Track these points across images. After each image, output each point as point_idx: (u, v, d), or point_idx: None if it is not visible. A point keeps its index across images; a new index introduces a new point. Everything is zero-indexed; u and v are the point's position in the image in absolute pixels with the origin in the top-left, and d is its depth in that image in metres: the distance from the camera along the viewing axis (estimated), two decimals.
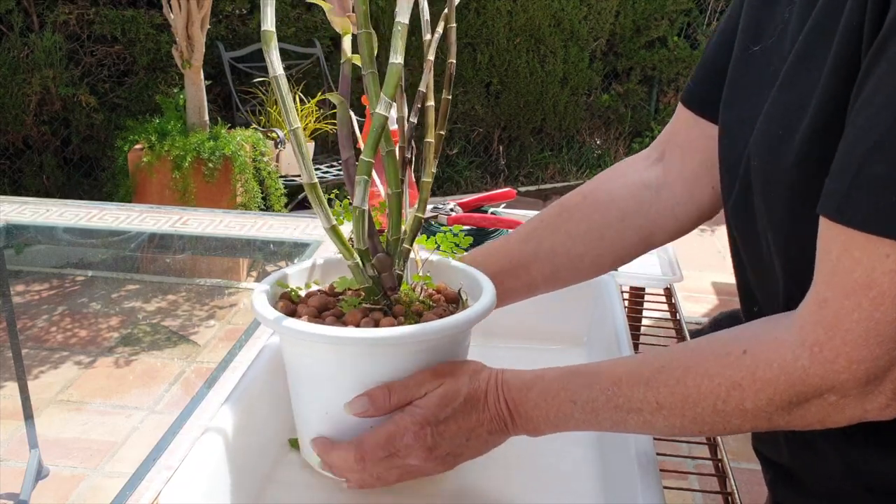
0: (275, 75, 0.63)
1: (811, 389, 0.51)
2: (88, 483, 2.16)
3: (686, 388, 0.57)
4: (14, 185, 4.26)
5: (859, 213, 0.47)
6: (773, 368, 0.52)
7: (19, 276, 3.19)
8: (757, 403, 0.53)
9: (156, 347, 2.85)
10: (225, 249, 1.73)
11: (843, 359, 0.49)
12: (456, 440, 0.65)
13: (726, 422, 0.56)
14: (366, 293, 0.71)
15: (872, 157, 0.46)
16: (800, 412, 0.53)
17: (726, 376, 0.55)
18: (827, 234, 0.50)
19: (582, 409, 0.62)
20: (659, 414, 0.58)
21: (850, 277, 0.48)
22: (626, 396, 0.60)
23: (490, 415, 0.65)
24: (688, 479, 1.69)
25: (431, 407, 0.64)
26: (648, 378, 0.59)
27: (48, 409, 2.48)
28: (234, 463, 0.69)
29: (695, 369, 0.57)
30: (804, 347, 0.51)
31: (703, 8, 5.34)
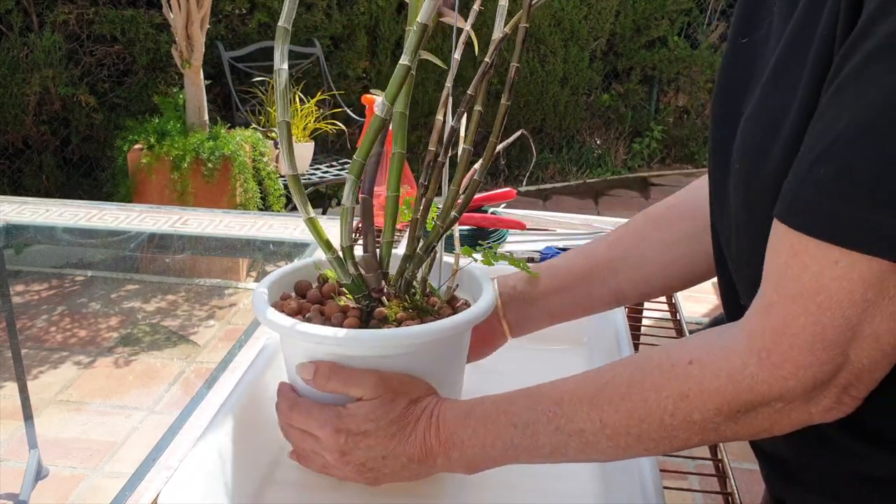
0: (278, 68, 0.63)
1: (759, 397, 0.50)
2: (88, 483, 2.16)
3: (632, 404, 0.55)
4: (14, 185, 4.26)
5: (808, 217, 0.46)
6: (720, 378, 0.52)
7: (19, 276, 3.19)
8: (705, 414, 0.52)
9: (155, 347, 2.85)
10: (225, 249, 1.73)
11: (790, 364, 0.49)
12: (370, 454, 0.65)
13: (672, 436, 0.55)
14: (348, 289, 0.71)
15: (822, 161, 0.45)
16: (747, 421, 0.52)
17: (673, 388, 0.54)
18: (776, 237, 0.49)
19: (522, 433, 0.60)
20: (602, 434, 0.56)
21: (797, 282, 0.47)
22: (567, 417, 0.58)
23: (413, 443, 0.64)
24: (688, 479, 1.69)
25: (354, 417, 0.64)
26: (592, 396, 0.57)
27: (48, 409, 2.48)
28: (234, 463, 0.69)
29: (640, 383, 0.55)
30: (751, 354, 0.50)
31: (703, 8, 5.34)
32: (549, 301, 0.79)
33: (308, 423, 0.67)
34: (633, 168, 5.38)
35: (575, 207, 4.65)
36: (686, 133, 5.46)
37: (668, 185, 5.18)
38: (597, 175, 5.24)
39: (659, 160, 5.49)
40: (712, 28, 5.36)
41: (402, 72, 0.63)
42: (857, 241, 0.45)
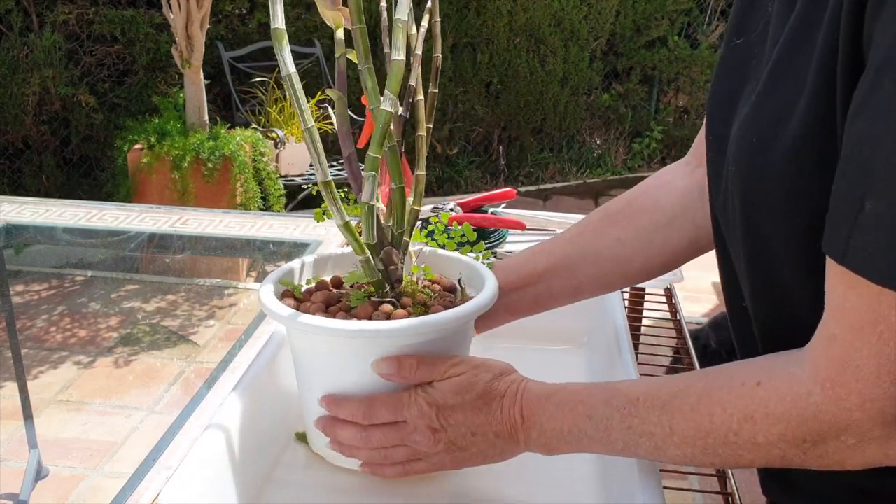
0: (288, 74, 0.63)
1: (825, 427, 0.50)
2: (88, 483, 2.16)
3: (699, 416, 0.55)
4: (14, 185, 4.26)
5: (858, 255, 0.45)
6: (785, 402, 0.51)
7: (19, 276, 3.19)
8: (768, 438, 0.52)
9: (155, 347, 2.85)
10: (225, 249, 1.73)
11: (856, 396, 0.48)
12: (460, 430, 0.65)
13: (738, 455, 0.55)
14: (374, 286, 0.71)
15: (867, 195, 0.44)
16: (816, 452, 0.51)
17: (739, 407, 0.53)
18: (831, 270, 0.48)
19: (596, 426, 0.61)
20: (670, 440, 0.57)
21: (856, 314, 0.47)
22: (641, 418, 0.59)
23: (500, 419, 0.65)
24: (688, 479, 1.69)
25: (444, 390, 0.66)
26: (665, 402, 0.58)
27: (48, 409, 2.48)
28: (234, 463, 0.69)
29: (708, 398, 0.55)
30: (816, 383, 0.50)
31: (703, 8, 5.34)
32: (508, 297, 0.80)
33: (396, 410, 0.67)
34: (633, 168, 5.38)
35: (575, 207, 4.65)
36: (686, 133, 5.46)
37: None
38: (597, 175, 5.24)
39: (659, 160, 5.49)
40: (712, 28, 5.36)
41: (399, 66, 0.64)
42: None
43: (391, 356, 0.68)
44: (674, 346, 1.14)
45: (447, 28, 4.73)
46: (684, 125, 5.46)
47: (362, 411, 0.68)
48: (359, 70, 0.66)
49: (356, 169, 0.70)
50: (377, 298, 0.71)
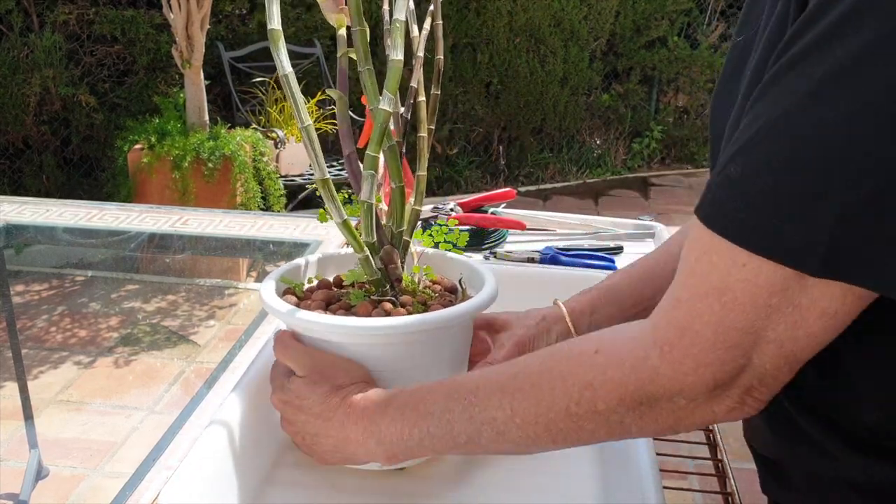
0: (284, 73, 0.63)
1: (660, 390, 0.51)
2: (88, 483, 2.16)
3: (540, 392, 0.55)
4: (14, 185, 4.26)
5: (718, 216, 0.47)
6: (623, 367, 0.52)
7: (19, 276, 3.19)
8: (608, 404, 0.53)
9: (156, 347, 2.85)
10: (225, 249, 1.73)
11: (691, 360, 0.49)
12: (306, 428, 0.67)
13: (580, 427, 0.55)
14: (373, 285, 0.71)
15: (734, 160, 0.46)
16: (651, 415, 0.52)
17: (579, 376, 0.54)
18: (692, 233, 0.50)
19: (438, 422, 0.60)
20: (512, 422, 0.57)
21: (705, 280, 0.48)
22: (481, 405, 0.58)
23: (336, 429, 0.65)
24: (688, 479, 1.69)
25: (293, 389, 0.68)
26: (504, 384, 0.58)
27: (48, 409, 2.48)
28: (234, 463, 0.69)
29: (549, 371, 0.56)
30: (655, 346, 0.51)
31: (703, 8, 5.34)
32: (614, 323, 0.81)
33: (272, 378, 0.71)
34: (632, 168, 5.38)
35: (575, 207, 4.65)
36: (686, 133, 5.46)
37: (668, 185, 5.18)
38: (597, 175, 5.24)
39: (659, 160, 5.49)
40: (712, 28, 5.36)
41: (397, 67, 0.64)
42: (761, 246, 0.45)
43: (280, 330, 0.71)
44: None
45: (447, 28, 4.73)
46: (684, 125, 5.46)
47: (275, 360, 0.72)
48: (359, 71, 0.66)
49: (356, 168, 0.70)
50: (377, 297, 0.71)
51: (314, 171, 0.66)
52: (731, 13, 5.38)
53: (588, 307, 0.80)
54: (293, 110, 0.65)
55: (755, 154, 0.45)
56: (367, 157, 0.65)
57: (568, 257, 1.22)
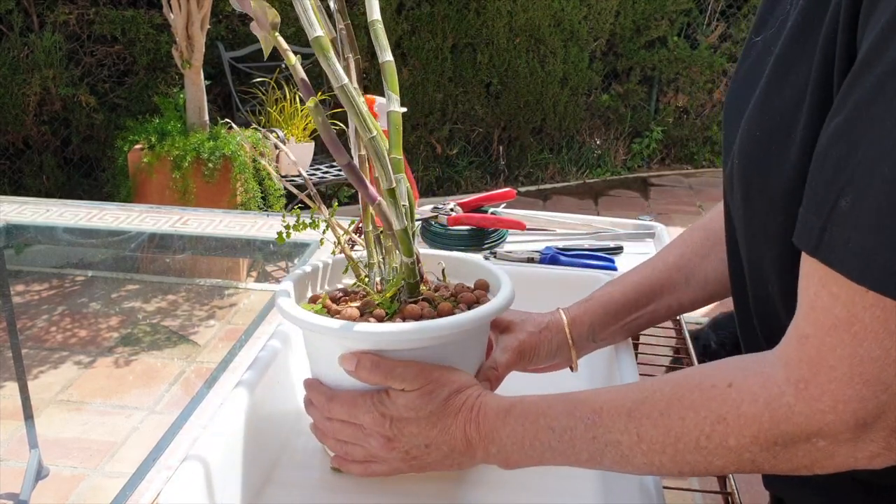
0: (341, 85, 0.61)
1: (797, 429, 0.49)
2: (88, 483, 2.16)
3: (669, 421, 0.54)
4: (14, 185, 4.26)
5: (831, 251, 0.45)
6: (758, 404, 0.50)
7: (19, 276, 3.19)
8: (740, 441, 0.51)
9: (156, 347, 2.85)
10: (225, 249, 1.73)
11: (829, 397, 0.47)
12: (414, 441, 0.65)
13: (708, 462, 0.53)
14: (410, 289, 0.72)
15: (845, 191, 0.44)
16: (786, 455, 0.50)
17: (711, 409, 0.52)
18: (805, 267, 0.48)
19: (560, 438, 0.60)
20: (638, 448, 0.56)
21: (830, 313, 0.46)
22: (605, 427, 0.57)
23: (454, 434, 0.64)
24: (688, 479, 1.69)
25: (399, 404, 0.65)
26: (630, 409, 0.56)
27: (48, 409, 2.48)
28: (234, 463, 0.69)
29: (679, 401, 0.54)
30: (789, 384, 0.49)
31: (703, 8, 5.34)
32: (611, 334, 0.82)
33: (352, 411, 0.67)
34: (632, 168, 5.38)
35: (575, 207, 4.65)
36: (686, 133, 5.46)
37: (668, 185, 5.18)
38: (596, 175, 5.24)
39: (658, 160, 5.49)
40: (712, 28, 5.36)
41: (391, 67, 0.64)
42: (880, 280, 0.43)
43: (353, 352, 0.67)
44: (674, 346, 1.14)
45: (447, 28, 4.73)
46: (684, 125, 5.46)
47: (322, 402, 0.69)
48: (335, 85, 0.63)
49: (359, 173, 0.70)
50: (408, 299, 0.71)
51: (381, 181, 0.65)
52: (730, 13, 5.38)
53: (586, 318, 0.80)
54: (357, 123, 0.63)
55: (867, 181, 0.43)
56: (393, 161, 0.66)
57: (568, 257, 1.22)
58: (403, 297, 0.71)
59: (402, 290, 0.71)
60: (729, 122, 0.62)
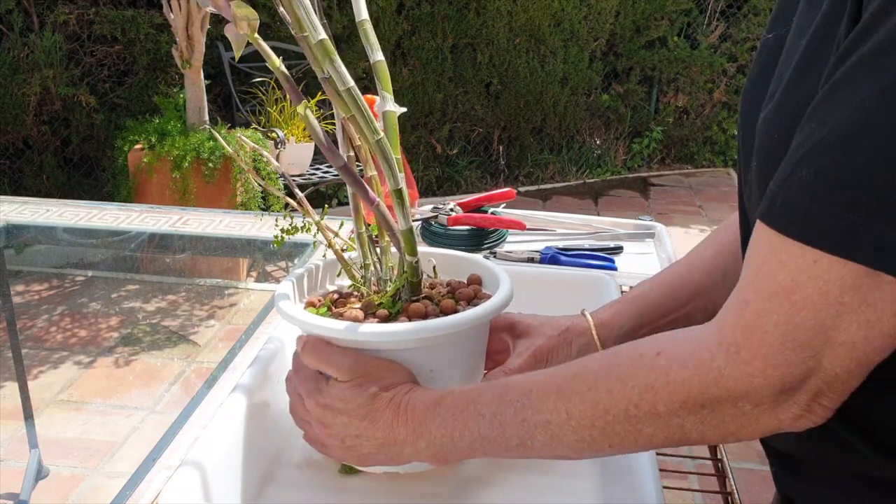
0: (347, 88, 0.61)
1: (725, 393, 0.50)
2: (88, 483, 2.16)
3: (598, 394, 0.55)
4: (14, 185, 4.26)
5: (787, 217, 0.46)
6: (687, 368, 0.51)
7: (19, 276, 3.19)
8: (670, 406, 0.52)
9: (156, 347, 2.85)
10: (225, 249, 1.73)
11: (759, 362, 0.48)
12: (347, 430, 0.66)
13: (638, 430, 0.54)
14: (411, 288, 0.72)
15: (804, 162, 0.45)
16: (713, 420, 0.51)
17: (639, 378, 0.53)
18: (757, 235, 0.49)
19: (489, 424, 0.59)
20: (567, 425, 0.56)
21: (774, 280, 0.47)
22: (535, 408, 0.57)
23: (382, 429, 0.64)
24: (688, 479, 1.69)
25: (332, 393, 0.66)
26: (560, 386, 0.57)
27: (48, 409, 2.48)
28: (234, 463, 0.69)
29: (607, 374, 0.55)
30: (721, 348, 0.50)
31: (703, 8, 5.34)
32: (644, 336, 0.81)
33: (301, 387, 0.70)
34: (632, 168, 5.38)
35: (575, 207, 4.65)
36: (686, 133, 5.46)
37: (668, 185, 5.18)
38: (597, 175, 5.24)
39: (659, 160, 5.49)
40: (712, 28, 5.36)
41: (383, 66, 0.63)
42: (833, 244, 0.45)
43: (302, 335, 0.70)
44: None
45: (447, 28, 4.73)
46: (684, 125, 5.46)
47: (291, 373, 0.72)
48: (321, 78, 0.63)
49: (356, 174, 0.70)
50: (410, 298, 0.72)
51: (389, 182, 0.65)
52: (730, 13, 5.38)
53: (617, 319, 0.79)
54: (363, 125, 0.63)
55: (829, 155, 0.45)
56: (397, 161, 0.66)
57: (568, 257, 1.23)
58: (405, 295, 0.71)
59: (403, 289, 0.71)
60: (745, 122, 0.62)
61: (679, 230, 4.00)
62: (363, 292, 0.75)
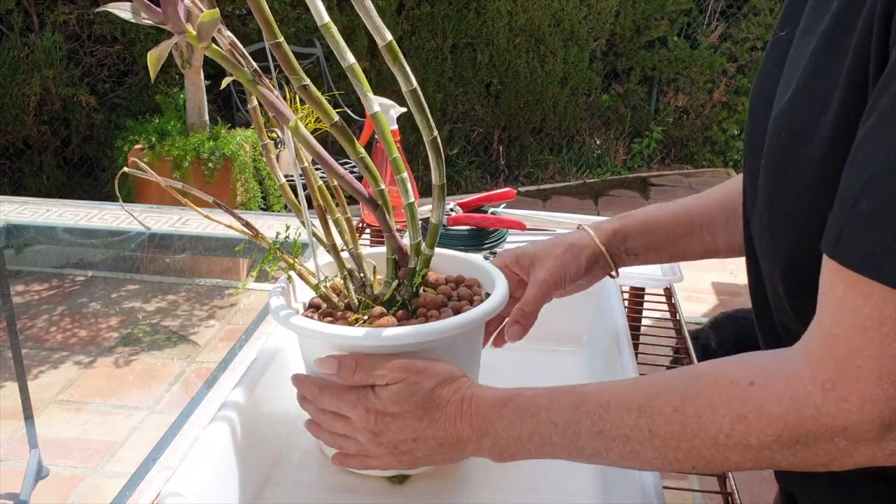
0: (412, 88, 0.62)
1: (822, 429, 0.49)
2: (88, 483, 2.16)
3: (685, 418, 0.53)
4: (14, 185, 4.26)
5: (856, 253, 0.45)
6: (783, 403, 0.50)
7: (19, 276, 3.19)
8: (762, 439, 0.51)
9: (156, 347, 2.85)
10: (225, 249, 1.73)
11: (856, 397, 0.47)
12: (401, 435, 0.64)
13: (724, 458, 0.53)
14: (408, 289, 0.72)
15: (864, 195, 0.45)
16: (805, 453, 0.50)
17: (731, 407, 0.52)
18: (830, 270, 0.48)
19: (562, 433, 0.59)
20: (649, 443, 0.55)
21: (859, 313, 0.46)
22: (613, 422, 0.56)
23: (443, 427, 0.63)
24: (688, 479, 1.69)
25: (384, 398, 0.64)
26: (642, 404, 0.56)
27: (48, 409, 2.48)
28: (234, 462, 0.69)
29: (695, 398, 0.54)
30: (815, 384, 0.49)
31: (703, 8, 5.34)
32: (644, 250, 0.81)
33: (339, 404, 0.66)
34: (632, 168, 5.38)
35: (575, 207, 4.65)
36: (686, 133, 5.46)
37: (668, 185, 5.18)
38: (596, 175, 5.24)
39: (658, 160, 5.49)
40: (712, 28, 5.36)
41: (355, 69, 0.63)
42: None
43: (331, 356, 0.67)
44: (673, 346, 1.14)
45: (447, 28, 4.73)
46: (684, 125, 5.46)
47: (314, 393, 0.69)
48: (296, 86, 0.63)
49: (358, 184, 0.71)
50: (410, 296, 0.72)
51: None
52: (730, 13, 5.38)
53: (621, 233, 0.80)
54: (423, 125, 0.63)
55: (889, 186, 0.44)
56: (394, 163, 0.67)
57: None
58: (406, 293, 0.71)
59: (403, 288, 0.72)
60: (754, 119, 0.62)
61: None
62: (355, 299, 0.75)
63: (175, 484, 0.62)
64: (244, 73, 0.63)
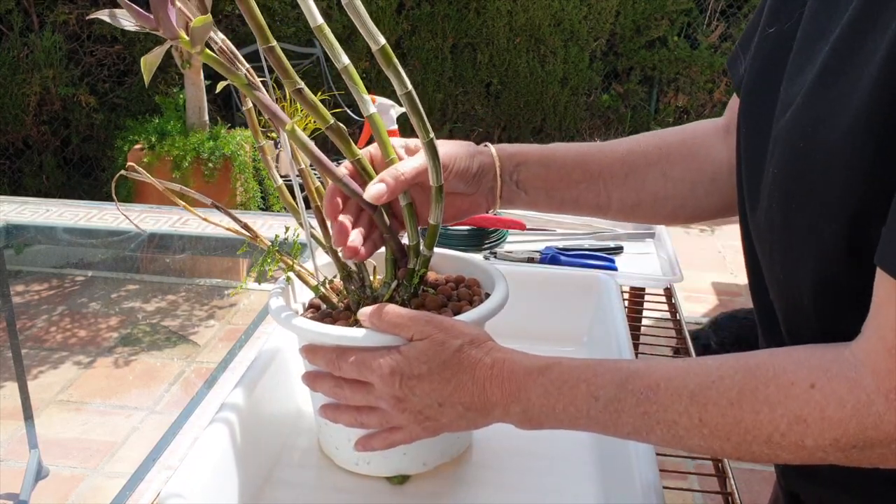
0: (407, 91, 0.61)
1: (882, 436, 0.49)
2: (88, 483, 2.16)
3: (741, 412, 0.53)
4: (14, 185, 4.26)
5: None
6: (845, 409, 0.50)
7: (19, 276, 3.19)
8: (819, 442, 0.51)
9: (156, 347, 2.85)
10: (225, 249, 1.73)
11: None
12: (426, 400, 0.62)
13: (775, 455, 0.53)
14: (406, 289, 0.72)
15: None
16: (859, 456, 0.51)
17: (790, 408, 0.51)
18: (885, 281, 0.48)
19: (603, 408, 0.57)
20: (697, 431, 0.54)
21: None
22: (661, 404, 0.55)
23: (471, 390, 0.61)
24: (688, 479, 1.69)
25: (410, 357, 0.61)
26: (694, 391, 0.55)
27: (48, 409, 2.48)
28: (234, 462, 0.69)
29: (753, 394, 0.53)
30: (879, 394, 0.49)
31: (703, 8, 5.34)
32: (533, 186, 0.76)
33: (360, 370, 0.63)
34: None
35: None
36: None
37: None
38: None
39: None
40: (712, 28, 5.36)
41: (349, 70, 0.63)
42: None
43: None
44: (674, 346, 1.14)
45: (447, 28, 4.73)
46: (684, 125, 5.46)
47: (332, 360, 0.65)
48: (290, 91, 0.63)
49: (355, 185, 0.71)
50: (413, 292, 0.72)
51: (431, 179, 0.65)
52: (731, 13, 5.38)
53: (518, 156, 0.75)
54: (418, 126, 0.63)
55: None
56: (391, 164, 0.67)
57: (568, 257, 1.23)
58: (406, 293, 0.72)
59: (402, 288, 0.72)
60: (748, 118, 0.60)
61: (679, 230, 4.00)
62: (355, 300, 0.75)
63: (175, 484, 0.62)
64: (239, 76, 0.63)
